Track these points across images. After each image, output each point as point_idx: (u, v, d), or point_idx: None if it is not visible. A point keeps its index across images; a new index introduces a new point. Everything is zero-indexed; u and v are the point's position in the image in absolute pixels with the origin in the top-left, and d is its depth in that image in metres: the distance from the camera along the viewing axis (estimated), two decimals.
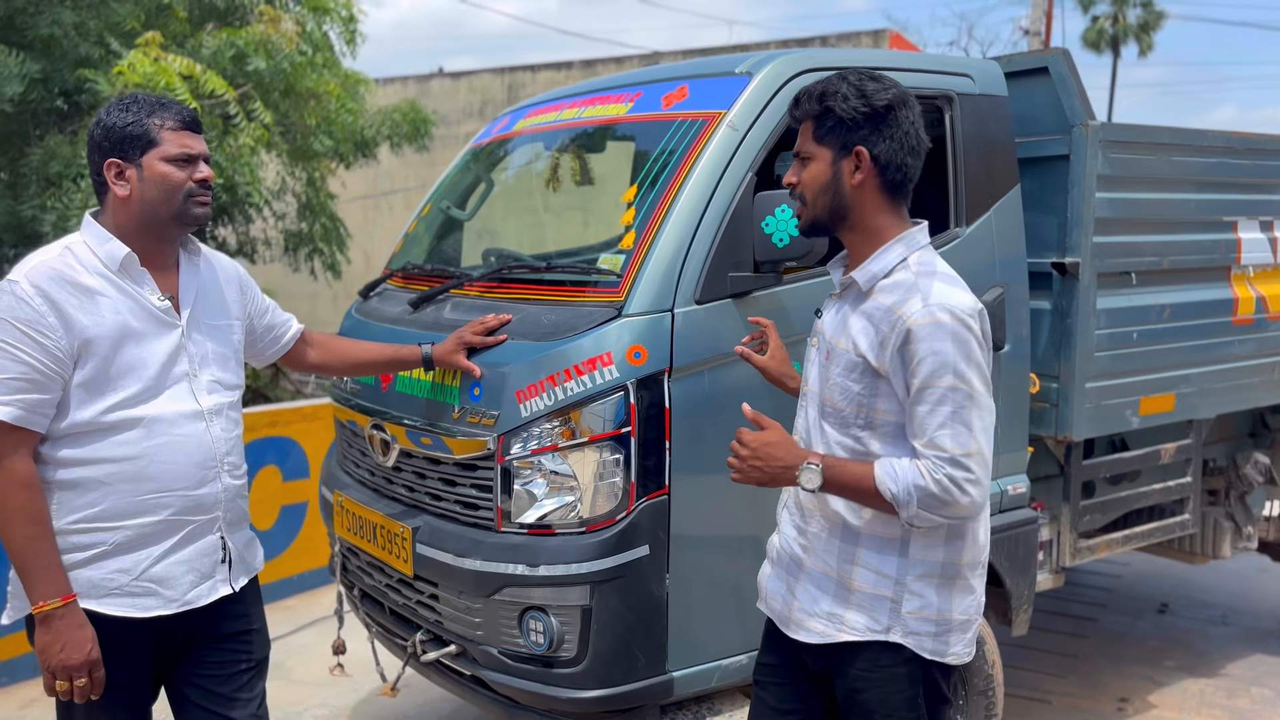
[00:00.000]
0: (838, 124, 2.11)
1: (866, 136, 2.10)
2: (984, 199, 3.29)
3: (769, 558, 2.38)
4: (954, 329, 2.02)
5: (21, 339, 2.16)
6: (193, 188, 2.32)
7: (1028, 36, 24.10)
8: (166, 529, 2.32)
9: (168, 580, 2.33)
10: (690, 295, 2.74)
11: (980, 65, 3.40)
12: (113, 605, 2.28)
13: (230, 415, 2.45)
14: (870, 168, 2.11)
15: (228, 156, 6.92)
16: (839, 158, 2.12)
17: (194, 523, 2.36)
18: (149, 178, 2.28)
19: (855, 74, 2.13)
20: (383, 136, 8.64)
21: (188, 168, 2.31)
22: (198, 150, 2.34)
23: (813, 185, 2.16)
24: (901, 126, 2.10)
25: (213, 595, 2.41)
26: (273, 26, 7.10)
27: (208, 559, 2.40)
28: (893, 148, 2.10)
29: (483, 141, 3.87)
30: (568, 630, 2.68)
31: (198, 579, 2.38)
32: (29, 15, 6.52)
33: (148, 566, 2.30)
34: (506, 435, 2.72)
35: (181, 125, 2.32)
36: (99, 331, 2.22)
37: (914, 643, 2.15)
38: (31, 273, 2.21)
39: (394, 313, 3.34)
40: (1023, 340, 3.38)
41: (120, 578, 2.28)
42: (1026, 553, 3.45)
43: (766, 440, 2.12)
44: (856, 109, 2.09)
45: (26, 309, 2.17)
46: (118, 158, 2.28)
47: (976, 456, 2.02)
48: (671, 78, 3.19)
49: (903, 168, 2.12)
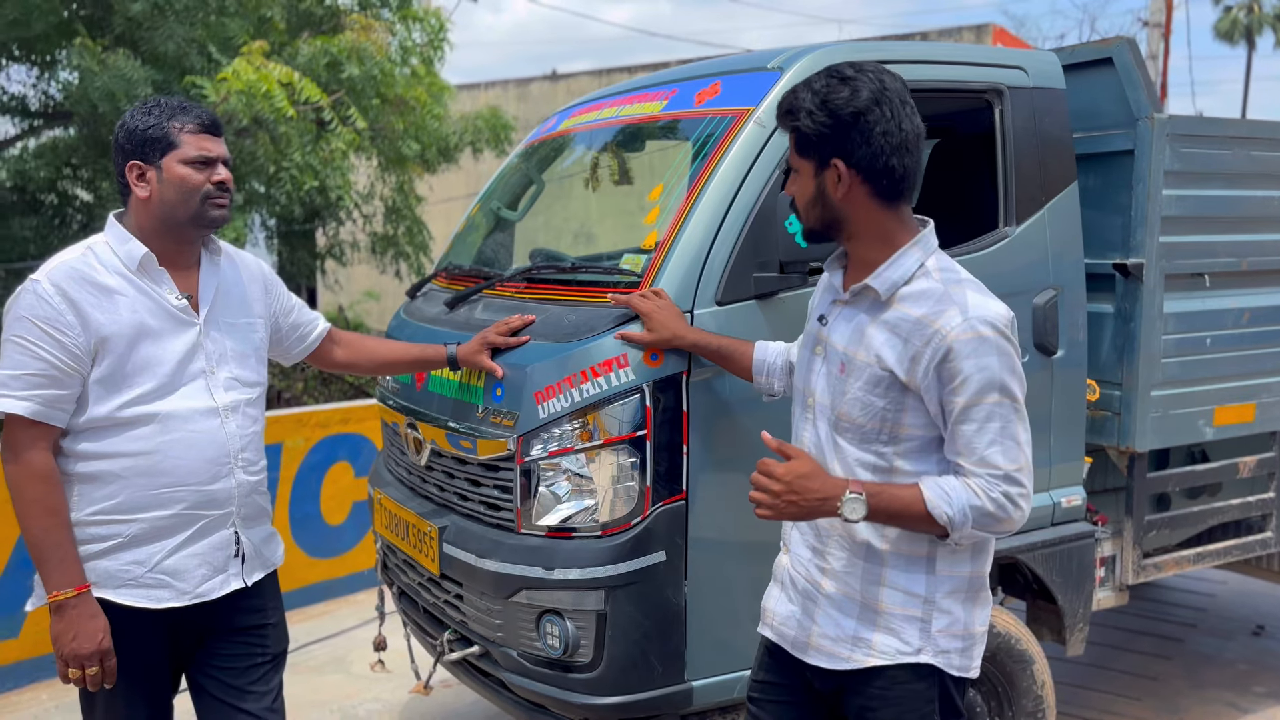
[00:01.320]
0: (807, 139, 2.00)
1: (839, 147, 1.97)
2: (1037, 197, 3.15)
3: (776, 580, 2.29)
4: (997, 343, 1.93)
5: (41, 336, 2.23)
6: (210, 190, 2.36)
7: (1147, 29, 23.18)
8: (180, 523, 2.36)
9: (180, 573, 2.38)
10: (711, 296, 2.67)
11: (1035, 57, 3.25)
12: (127, 595, 2.34)
13: (248, 412, 2.49)
14: (852, 177, 1.98)
15: (321, 160, 7.10)
16: (820, 170, 2.01)
17: (207, 517, 2.40)
18: (167, 179, 2.33)
19: (822, 79, 1.99)
20: (465, 142, 8.76)
21: (206, 170, 2.35)
22: (216, 153, 2.38)
23: (802, 198, 2.07)
24: (877, 128, 1.95)
25: (225, 589, 2.45)
26: (364, 35, 7.26)
27: (220, 553, 2.44)
28: (872, 153, 1.96)
29: (532, 141, 3.87)
30: (583, 635, 2.64)
31: (210, 572, 2.42)
32: (146, 31, 6.81)
33: (161, 559, 2.35)
34: (526, 436, 2.70)
35: (201, 128, 2.37)
36: (115, 329, 2.28)
37: (944, 661, 2.06)
38: (52, 272, 2.28)
39: (432, 313, 3.35)
40: (1078, 345, 3.22)
41: (135, 569, 2.34)
42: (1082, 569, 3.29)
43: (800, 472, 1.97)
44: (822, 123, 1.96)
45: (46, 307, 2.24)
46: (139, 160, 2.34)
47: (1026, 470, 1.96)
48: (707, 74, 3.14)
49: (889, 171, 1.98)
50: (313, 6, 7.66)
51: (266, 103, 6.34)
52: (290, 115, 6.50)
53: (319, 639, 5.18)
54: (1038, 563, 3.19)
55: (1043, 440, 3.18)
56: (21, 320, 2.24)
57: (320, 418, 5.79)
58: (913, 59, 3.04)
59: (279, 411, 5.92)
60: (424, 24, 8.35)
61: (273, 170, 6.83)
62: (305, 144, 6.91)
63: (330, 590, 5.79)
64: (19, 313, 2.25)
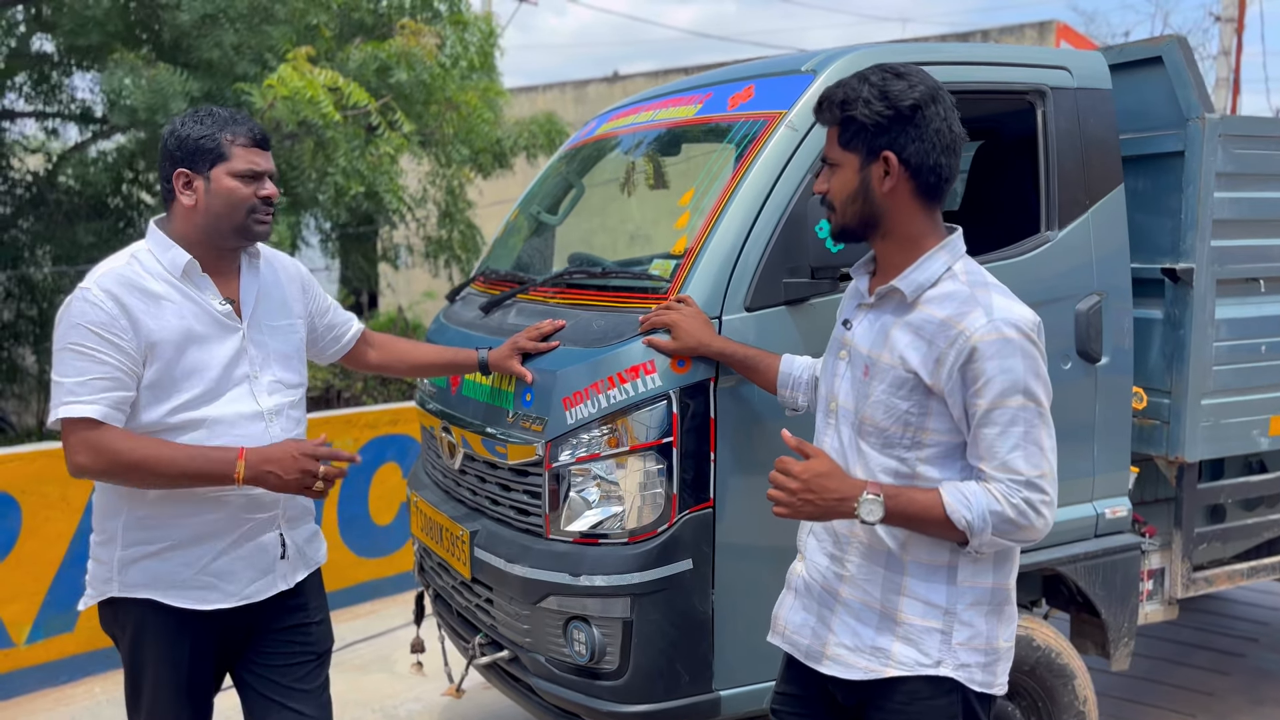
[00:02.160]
0: (861, 129, 1.98)
1: (894, 140, 1.96)
2: (1080, 200, 3.07)
3: (790, 587, 2.26)
4: (1022, 345, 1.90)
5: (99, 342, 2.25)
6: (256, 204, 2.38)
7: (1219, 23, 22.58)
8: (227, 526, 2.39)
9: (228, 575, 2.41)
10: (740, 302, 2.65)
11: (1079, 57, 3.17)
12: (177, 597, 2.37)
13: (291, 414, 2.51)
14: (901, 172, 1.97)
15: (369, 165, 7.18)
16: (867, 163, 1.99)
17: (252, 520, 2.43)
18: (215, 190, 2.35)
19: (879, 73, 1.99)
20: (519, 146, 8.80)
21: (253, 184, 2.38)
22: (264, 168, 2.40)
23: (841, 193, 2.04)
24: (931, 125, 1.96)
25: (271, 590, 2.48)
26: (413, 40, 7.33)
27: (267, 555, 2.47)
28: (924, 149, 1.96)
29: (572, 146, 3.87)
30: (609, 642, 2.63)
31: (256, 574, 2.45)
32: (194, 39, 6.95)
33: (209, 561, 2.38)
34: (554, 442, 2.70)
35: (252, 142, 2.39)
36: (164, 335, 2.30)
37: (965, 675, 2.02)
38: (101, 279, 2.31)
39: (468, 317, 3.37)
40: (1123, 352, 3.13)
41: (184, 571, 2.37)
42: (1126, 582, 3.20)
43: (817, 471, 1.97)
44: (880, 112, 1.95)
45: (99, 313, 2.26)
46: (187, 168, 2.36)
47: (1049, 477, 1.93)
48: (742, 77, 3.11)
49: (937, 169, 1.98)
50: (364, 15, 7.74)
51: (312, 108, 6.43)
52: (336, 120, 6.58)
53: (365, 638, 5.24)
54: (1080, 575, 3.12)
55: (1086, 449, 3.11)
56: (77, 328, 2.25)
57: (369, 418, 5.86)
58: (953, 60, 2.99)
59: (329, 412, 6.00)
60: (474, 28, 8.40)
61: (316, 176, 6.93)
62: (353, 149, 6.99)
63: (378, 590, 5.85)
64: (73, 320, 2.26)
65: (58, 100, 8.91)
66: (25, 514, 4.43)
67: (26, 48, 8.38)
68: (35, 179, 9.26)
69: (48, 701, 4.45)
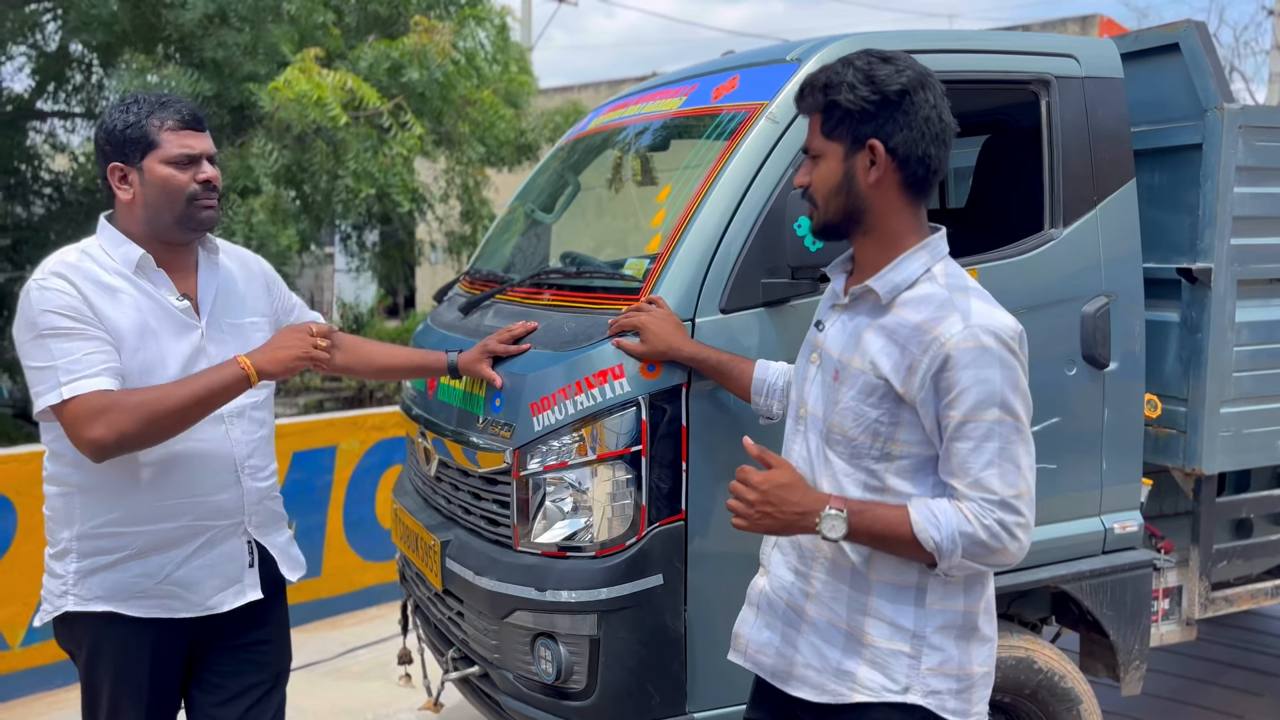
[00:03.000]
0: (846, 115, 1.85)
1: (880, 127, 1.83)
2: (1087, 195, 2.90)
3: (752, 603, 2.12)
4: (1000, 354, 1.77)
5: (73, 322, 2.14)
6: (196, 190, 2.26)
7: (1272, 17, 22.03)
8: (187, 534, 2.30)
9: (191, 584, 2.32)
10: (716, 303, 2.51)
11: (1088, 44, 2.99)
12: (139, 608, 2.28)
13: (253, 416, 2.41)
14: (888, 162, 1.84)
15: (380, 167, 7.12)
16: (851, 153, 1.86)
17: (215, 528, 2.34)
18: (150, 181, 2.24)
19: (864, 57, 1.86)
20: (544, 139, 8.71)
21: (190, 169, 2.26)
22: (199, 149, 2.28)
23: (824, 185, 1.91)
24: (920, 112, 1.83)
25: (240, 600, 2.39)
26: (426, 37, 7.25)
27: (233, 564, 2.38)
28: (912, 138, 1.83)
29: (566, 141, 3.75)
30: (577, 661, 2.51)
31: (222, 584, 2.36)
32: (198, 38, 6.92)
33: (171, 571, 2.29)
34: (522, 449, 2.58)
35: (182, 124, 2.27)
36: (124, 324, 2.20)
37: (935, 703, 1.89)
38: (53, 268, 2.21)
39: (449, 318, 3.26)
40: (1134, 357, 2.95)
41: (145, 581, 2.28)
42: (1137, 601, 3.01)
43: (778, 481, 1.86)
44: (865, 98, 1.82)
45: (63, 297, 2.15)
46: (120, 161, 2.26)
47: (1026, 497, 1.79)
48: (728, 68, 2.97)
49: (925, 160, 1.85)
50: (379, 7, 7.66)
51: (319, 111, 6.35)
52: (345, 123, 6.50)
53: (366, 644, 5.16)
54: (1086, 593, 2.94)
55: (1093, 460, 2.94)
56: (45, 314, 2.13)
57: (376, 420, 5.79)
58: (949, 48, 2.83)
59: (334, 414, 5.94)
60: (487, 22, 8.30)
61: (327, 178, 6.86)
62: (364, 151, 6.91)
63: (384, 594, 5.78)
64: (39, 309, 2.14)
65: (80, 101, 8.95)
66: (20, 516, 4.39)
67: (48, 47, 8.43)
68: (58, 179, 9.33)
69: (42, 705, 4.41)
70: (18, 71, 9.74)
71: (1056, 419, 2.84)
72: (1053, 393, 2.81)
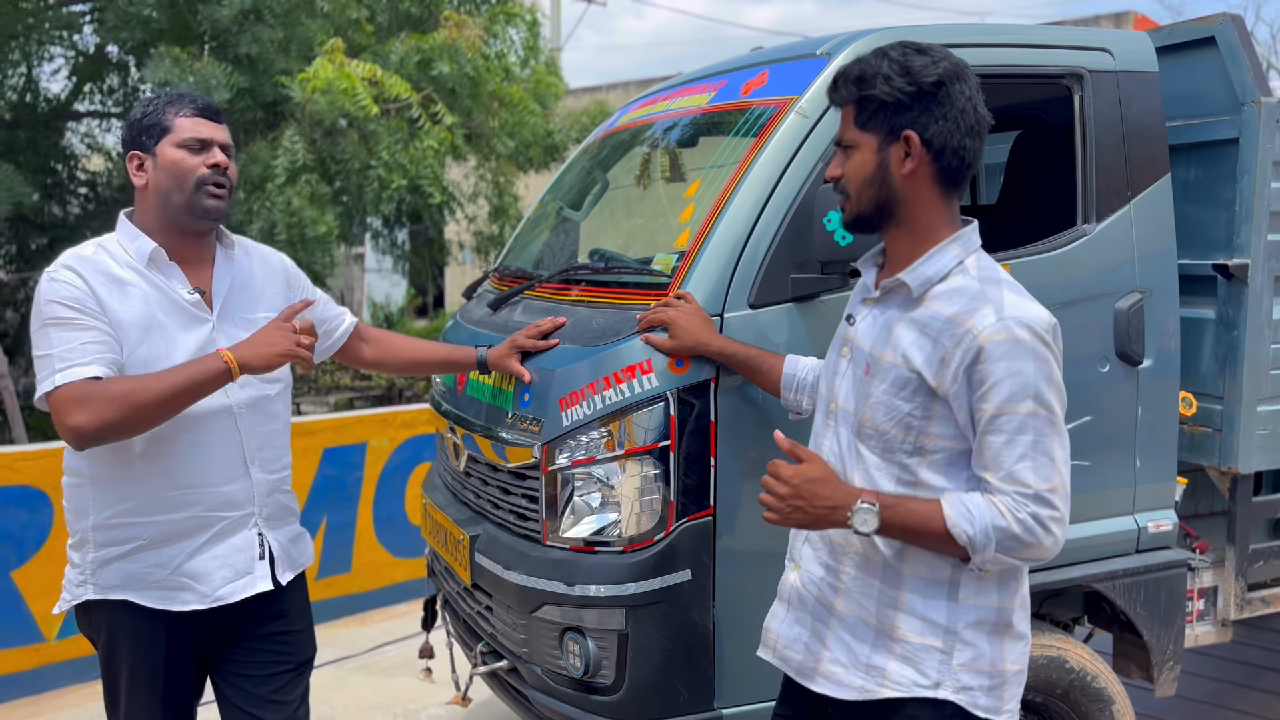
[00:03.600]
0: (881, 107, 1.84)
1: (915, 118, 1.82)
2: (1121, 191, 2.87)
3: (781, 598, 2.12)
4: (1034, 346, 1.76)
5: (76, 313, 2.18)
6: (205, 174, 2.28)
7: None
8: (197, 525, 2.32)
9: (201, 575, 2.33)
10: (744, 298, 2.50)
11: (1122, 38, 2.96)
12: (149, 598, 2.31)
13: (265, 410, 2.43)
14: (922, 154, 1.83)
15: (412, 159, 7.15)
16: (886, 144, 1.85)
17: (225, 519, 2.35)
18: (162, 165, 2.28)
19: (899, 48, 1.85)
20: (571, 138, 8.72)
21: (201, 153, 2.29)
22: (210, 135, 2.30)
23: (857, 177, 1.90)
24: (956, 104, 1.82)
25: (249, 591, 2.40)
26: (457, 32, 7.28)
27: (243, 555, 2.39)
28: (948, 129, 1.82)
29: (594, 138, 3.76)
30: (605, 655, 2.51)
31: (232, 575, 2.37)
32: (233, 34, 6.99)
33: (182, 561, 2.31)
34: (551, 444, 2.58)
35: (197, 112, 2.31)
36: (130, 318, 2.23)
37: (966, 699, 1.87)
38: (66, 261, 2.26)
39: (478, 315, 3.28)
40: (1168, 354, 2.92)
41: (157, 571, 2.30)
42: (1171, 601, 2.98)
43: (809, 476, 1.84)
44: (901, 89, 1.81)
45: (70, 289, 2.20)
46: (137, 150, 2.31)
47: (1060, 491, 1.77)
48: (757, 63, 2.96)
49: (960, 152, 1.84)
50: (411, 5, 7.70)
51: (349, 99, 6.39)
52: (375, 113, 6.54)
53: (395, 640, 5.18)
54: (1119, 593, 2.91)
55: (1126, 458, 2.90)
56: (51, 304, 2.19)
57: (405, 417, 5.82)
58: (981, 42, 2.81)
59: (364, 411, 5.98)
60: (517, 20, 8.32)
61: (359, 168, 6.89)
62: (395, 143, 6.94)
63: (415, 590, 5.80)
64: (46, 299, 2.20)
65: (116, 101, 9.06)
66: (55, 510, 4.45)
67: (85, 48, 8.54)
68: (94, 178, 9.45)
69: (77, 697, 4.47)
70: (55, 73, 9.88)
71: (1089, 417, 2.81)
72: (1085, 390, 2.78)
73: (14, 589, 4.41)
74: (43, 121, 9.08)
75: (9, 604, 4.40)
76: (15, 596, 4.41)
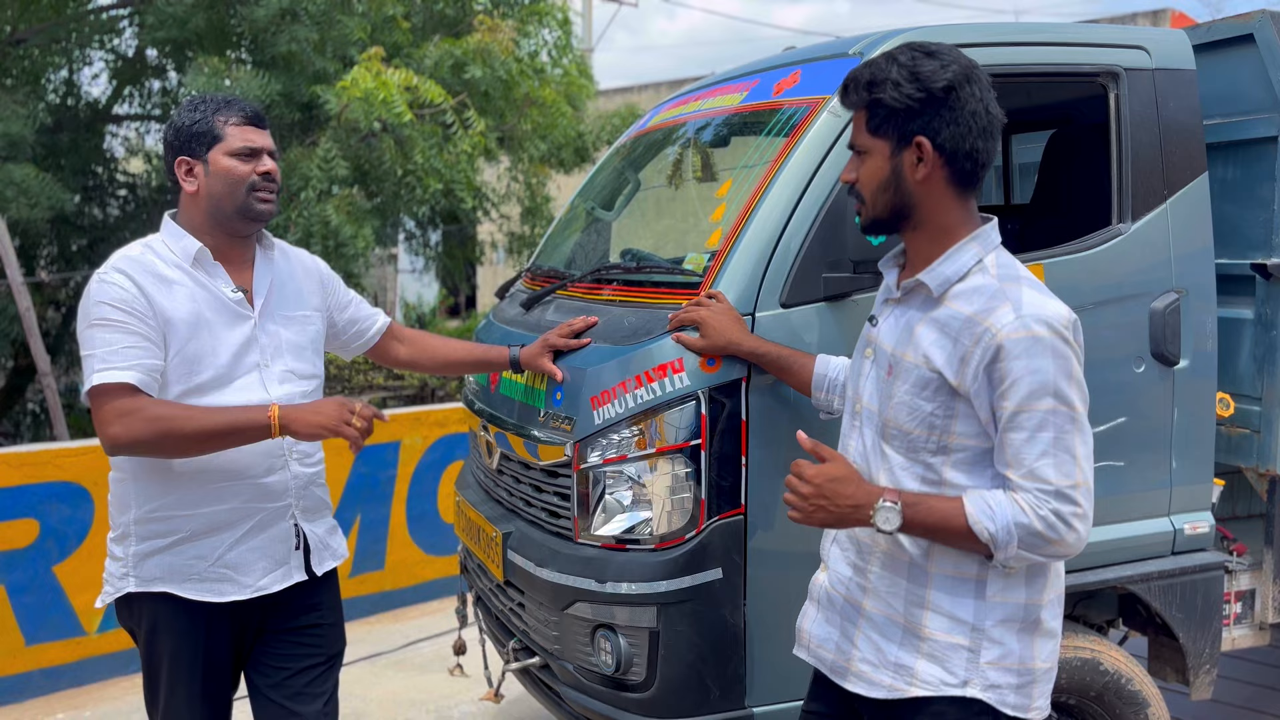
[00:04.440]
0: (891, 113, 1.84)
1: (927, 124, 1.82)
2: (1157, 190, 2.84)
3: (812, 599, 2.12)
4: (1053, 343, 1.75)
5: (122, 314, 2.23)
6: (255, 180, 2.36)
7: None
8: (237, 516, 2.37)
9: (242, 566, 2.38)
10: (776, 297, 2.51)
11: (1159, 36, 2.93)
12: (192, 590, 2.35)
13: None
14: (935, 158, 1.83)
15: (445, 163, 7.20)
16: (898, 150, 1.86)
17: (264, 510, 2.40)
18: (214, 172, 2.34)
19: (908, 52, 1.85)
20: (601, 141, 8.74)
21: (251, 161, 2.36)
22: (260, 144, 2.37)
23: (871, 182, 1.90)
24: (967, 107, 1.81)
25: (286, 581, 2.45)
26: (489, 35, 7.32)
27: (281, 545, 2.44)
28: (960, 133, 1.82)
29: (626, 138, 3.77)
30: (636, 653, 2.52)
31: (270, 565, 2.42)
32: (270, 35, 7.06)
33: (223, 553, 2.36)
34: (582, 442, 2.60)
35: (246, 120, 2.37)
36: (177, 316, 2.29)
37: (995, 697, 1.87)
38: (115, 263, 2.32)
39: (511, 314, 3.30)
40: (1205, 355, 2.89)
41: (198, 564, 2.35)
42: (1208, 604, 2.95)
43: (831, 475, 1.85)
44: (910, 95, 1.81)
45: (118, 290, 2.25)
46: (186, 155, 2.36)
47: (1083, 487, 1.76)
48: (789, 63, 2.96)
49: (973, 154, 1.84)
50: (445, 6, 7.76)
51: (385, 108, 6.45)
52: (409, 120, 6.60)
53: (428, 636, 5.23)
54: (1154, 595, 2.88)
55: (1161, 459, 2.88)
56: (99, 305, 2.25)
57: (438, 416, 5.86)
58: (1015, 40, 2.80)
59: (398, 410, 6.03)
60: (549, 21, 8.35)
61: (399, 174, 6.95)
62: (430, 147, 7.00)
63: (447, 587, 5.84)
64: (95, 300, 2.26)
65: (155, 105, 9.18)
66: (97, 506, 4.53)
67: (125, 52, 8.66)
68: (133, 181, 9.58)
69: (117, 690, 4.54)
70: (94, 77, 10.03)
71: (1124, 418, 2.79)
72: (1119, 390, 2.76)
73: (56, 583, 4.49)
74: (83, 125, 9.23)
75: (51, 598, 4.48)
76: (57, 591, 4.50)
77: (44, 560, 4.46)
